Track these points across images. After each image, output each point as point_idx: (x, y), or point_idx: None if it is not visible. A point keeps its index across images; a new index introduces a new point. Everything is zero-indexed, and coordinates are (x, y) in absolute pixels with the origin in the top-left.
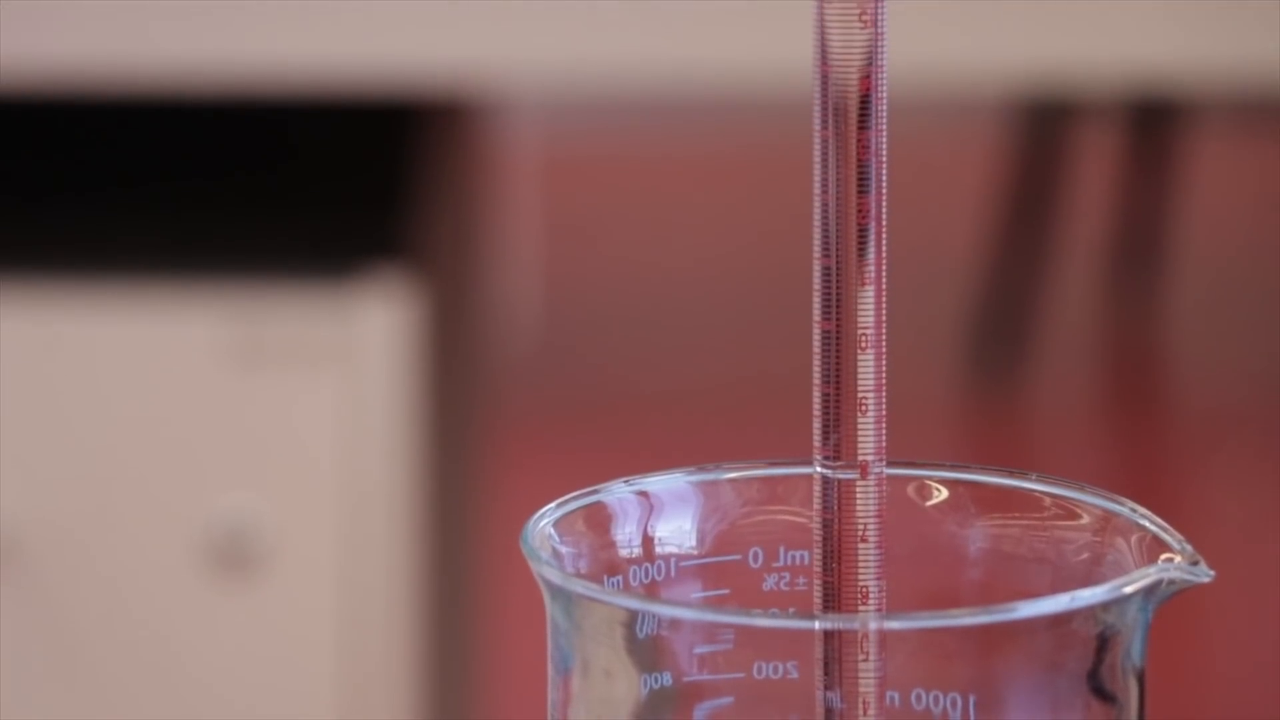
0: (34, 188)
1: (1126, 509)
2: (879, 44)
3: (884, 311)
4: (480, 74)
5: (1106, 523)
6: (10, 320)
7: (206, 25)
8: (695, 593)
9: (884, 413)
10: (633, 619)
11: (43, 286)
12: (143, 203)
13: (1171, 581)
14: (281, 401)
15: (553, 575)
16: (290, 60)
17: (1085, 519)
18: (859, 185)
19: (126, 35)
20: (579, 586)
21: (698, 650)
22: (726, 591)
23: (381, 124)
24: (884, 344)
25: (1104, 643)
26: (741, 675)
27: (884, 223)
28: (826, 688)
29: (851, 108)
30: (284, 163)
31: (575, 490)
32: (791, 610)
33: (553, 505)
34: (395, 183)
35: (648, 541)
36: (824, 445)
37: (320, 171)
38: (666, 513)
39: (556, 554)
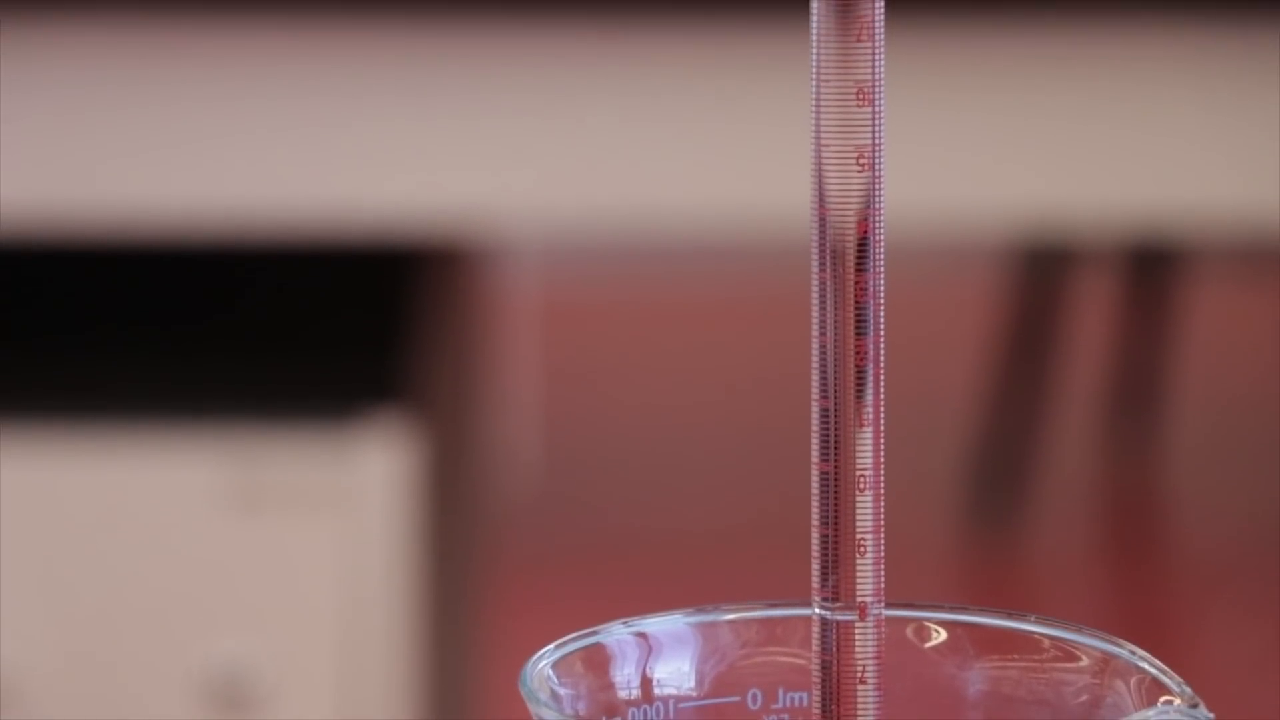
0: (35, 332)
1: (1126, 651)
2: (876, 187)
3: (882, 453)
4: (479, 219)
5: (1106, 665)
6: (10, 464)
7: (206, 171)
8: None
9: (882, 554)
10: None
11: (42, 430)
12: (142, 346)
13: None
14: (280, 545)
15: (551, 717)
16: (289, 205)
17: (1084, 661)
18: (857, 327)
19: (127, 180)
20: None
21: None
22: None
23: (380, 268)
24: (882, 485)
25: None
26: None
27: (882, 365)
28: None
29: (849, 250)
30: (283, 307)
31: (574, 632)
32: None
33: (551, 647)
34: (394, 327)
35: (646, 683)
36: (823, 586)
37: (319, 315)
38: (665, 654)
39: (555, 695)
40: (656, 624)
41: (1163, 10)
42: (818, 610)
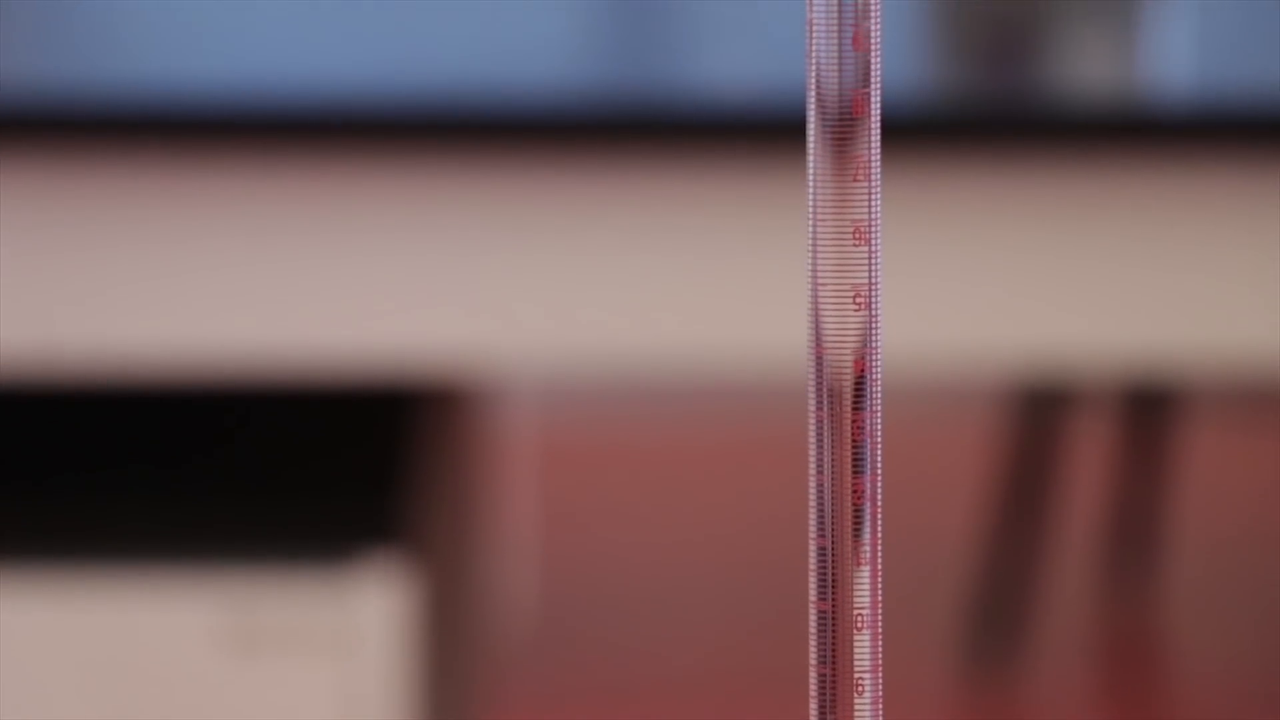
0: (33, 474)
1: None
2: (874, 326)
3: (880, 592)
4: (475, 360)
5: None
6: (8, 606)
7: (200, 313)
8: None
9: (880, 694)
10: None
11: (40, 573)
12: (139, 488)
13: None
14: (278, 687)
15: None
16: (286, 346)
17: None
18: (854, 466)
19: (122, 323)
20: None
21: None
22: None
23: (377, 410)
24: (880, 625)
25: None
26: None
27: (879, 504)
28: None
29: (846, 389)
30: (280, 448)
31: None
32: None
33: None
34: (391, 468)
35: None
36: None
37: (316, 457)
38: None
39: None
40: None
41: (1160, 153)
42: None
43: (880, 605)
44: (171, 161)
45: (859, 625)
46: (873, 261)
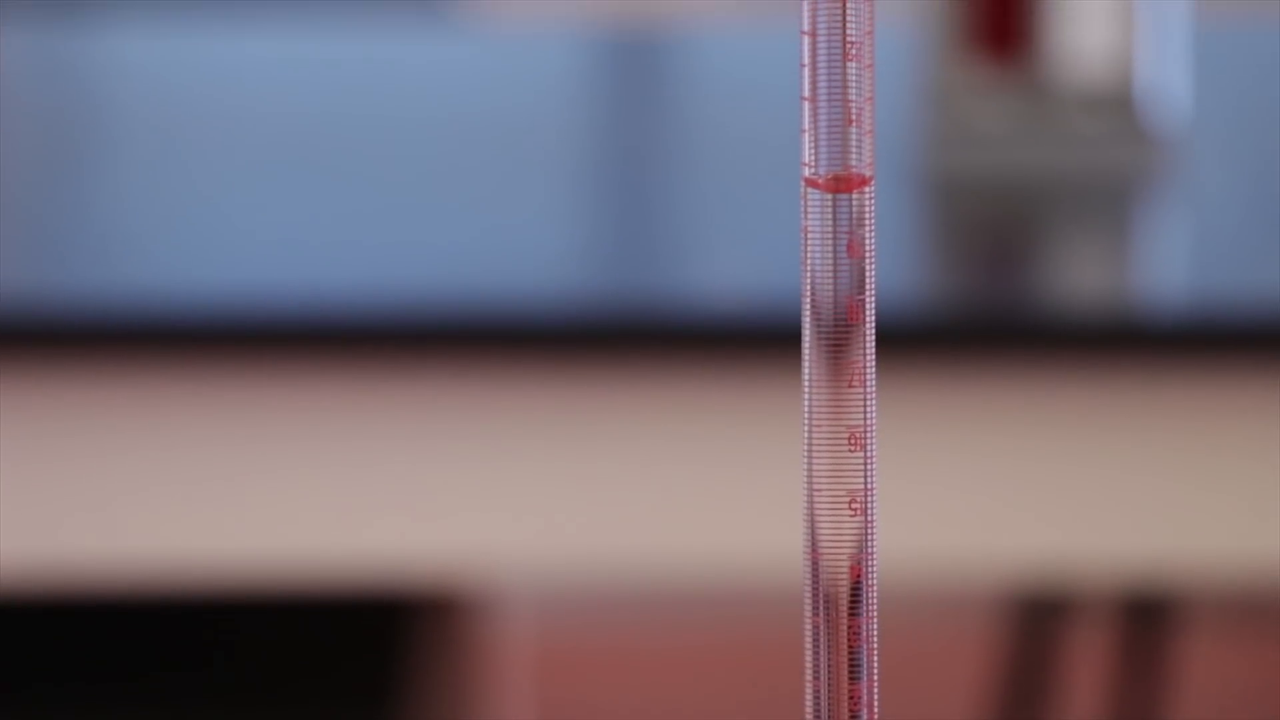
0: (35, 684)
1: None
2: (869, 532)
3: None
4: (471, 569)
5: None
6: None
7: (198, 523)
8: None
9: None
10: None
11: None
12: (136, 699)
13: None
14: None
15: None
16: (282, 557)
17: None
18: (851, 672)
19: (118, 534)
20: None
21: None
22: None
23: (374, 619)
24: None
25: None
26: None
27: (875, 710)
28: None
29: (842, 595)
30: (278, 657)
31: None
32: None
33: None
34: (389, 677)
35: None
36: None
37: (314, 666)
38: None
39: None
40: None
41: (1155, 363)
42: None
43: None
44: (170, 372)
45: None
46: (868, 467)
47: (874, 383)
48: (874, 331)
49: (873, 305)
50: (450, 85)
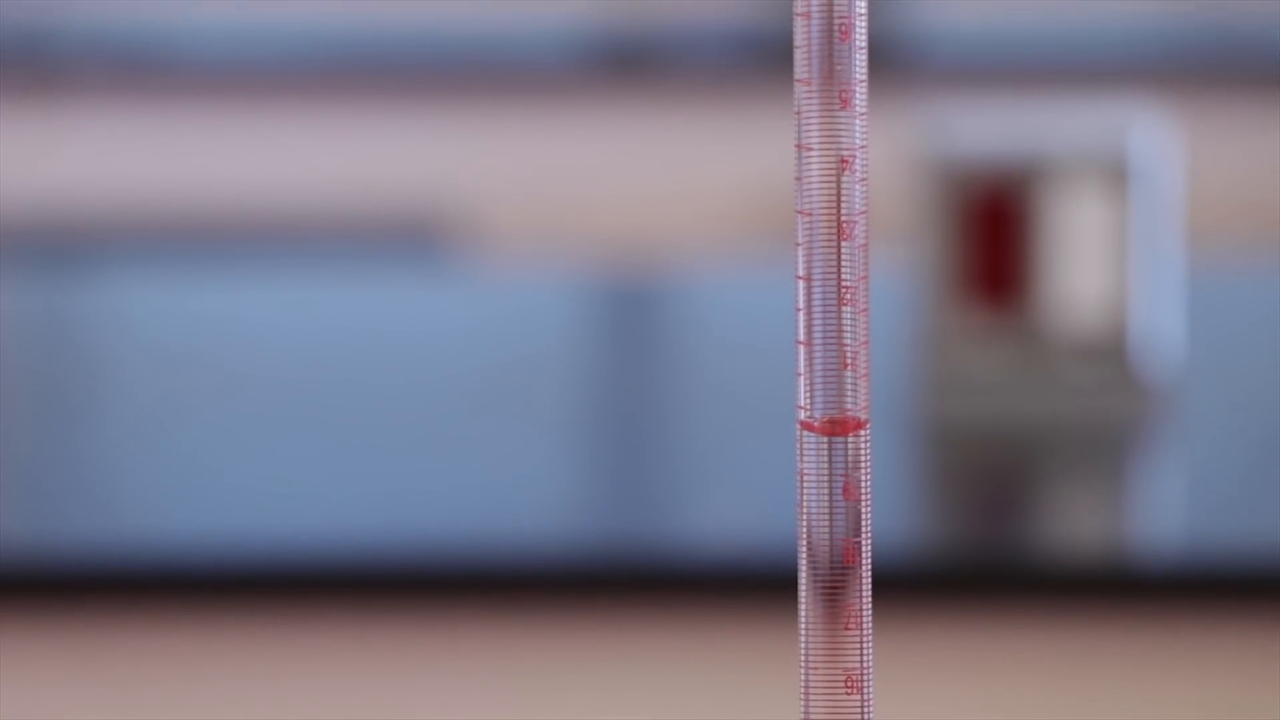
0: None
1: None
2: (866, 710)
3: None
4: None
5: None
6: None
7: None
8: None
9: None
10: None
11: None
12: None
13: None
14: None
15: None
16: None
17: None
18: None
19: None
20: None
21: None
22: None
23: None
24: None
25: None
26: None
27: None
28: None
29: None
30: None
31: None
32: None
33: None
34: None
35: None
36: None
37: None
38: None
39: None
40: None
41: (1150, 610)
42: None
43: None
44: (176, 621)
45: None
46: (865, 709)
47: (870, 626)
48: (870, 574)
49: (869, 548)
50: (447, 334)
